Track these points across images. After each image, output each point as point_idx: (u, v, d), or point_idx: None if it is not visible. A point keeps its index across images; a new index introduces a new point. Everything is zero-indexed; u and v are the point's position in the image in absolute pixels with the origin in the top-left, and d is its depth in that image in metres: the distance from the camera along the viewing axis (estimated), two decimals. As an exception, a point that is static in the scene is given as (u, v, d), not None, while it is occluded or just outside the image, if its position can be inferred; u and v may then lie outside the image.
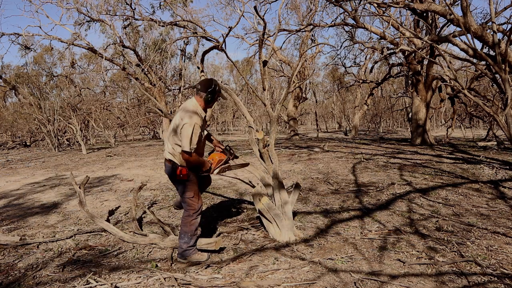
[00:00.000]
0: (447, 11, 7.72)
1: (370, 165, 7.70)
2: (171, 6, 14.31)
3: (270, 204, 3.44)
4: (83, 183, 3.91)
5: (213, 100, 3.11)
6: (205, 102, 3.07)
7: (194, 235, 3.12)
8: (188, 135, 2.87)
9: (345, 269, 2.86)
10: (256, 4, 12.94)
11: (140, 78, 15.34)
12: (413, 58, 12.50)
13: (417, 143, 12.45)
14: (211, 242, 3.24)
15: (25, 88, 22.29)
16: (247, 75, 31.95)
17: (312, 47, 19.47)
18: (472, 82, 11.58)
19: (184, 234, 3.10)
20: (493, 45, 6.81)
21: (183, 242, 3.10)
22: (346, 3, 10.31)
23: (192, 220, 3.11)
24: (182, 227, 3.13)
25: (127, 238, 3.67)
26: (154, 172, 8.25)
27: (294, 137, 18.63)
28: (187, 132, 2.88)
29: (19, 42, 14.00)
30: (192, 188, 3.11)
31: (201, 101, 3.08)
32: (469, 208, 4.34)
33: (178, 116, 3.01)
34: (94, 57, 21.09)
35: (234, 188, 6.16)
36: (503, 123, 6.39)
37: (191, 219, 3.11)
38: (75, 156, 13.22)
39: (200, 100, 3.08)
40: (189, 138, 2.88)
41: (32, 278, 2.92)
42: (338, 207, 4.67)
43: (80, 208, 3.94)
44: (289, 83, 4.61)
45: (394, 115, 32.18)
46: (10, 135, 26.69)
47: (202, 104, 3.09)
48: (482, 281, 2.57)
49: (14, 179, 8.31)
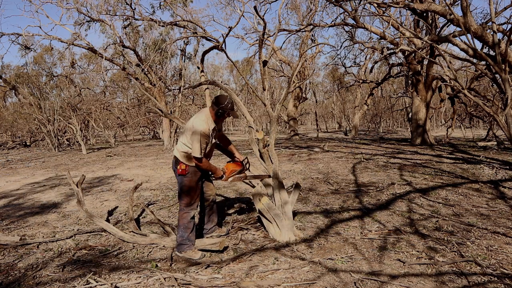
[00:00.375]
0: (447, 11, 7.72)
1: (370, 165, 7.70)
2: (171, 6, 14.30)
3: (270, 204, 3.44)
4: (80, 182, 3.91)
5: (223, 116, 3.29)
6: (215, 115, 3.28)
7: (187, 228, 3.27)
8: (197, 143, 3.12)
9: (345, 269, 2.86)
10: (256, 4, 12.94)
11: (140, 78, 15.32)
12: (413, 58, 12.50)
13: (417, 143, 12.44)
14: (215, 243, 3.25)
15: (25, 88, 22.28)
16: (247, 75, 31.95)
17: (312, 47, 19.47)
18: (472, 82, 11.58)
19: (179, 228, 3.32)
20: (493, 45, 6.81)
21: (178, 236, 3.31)
22: (346, 3, 10.31)
23: (184, 214, 3.30)
24: (178, 221, 3.35)
25: (127, 238, 3.67)
26: (154, 172, 8.25)
27: (294, 137, 18.63)
28: (196, 140, 3.12)
29: (19, 42, 13.98)
30: (188, 184, 3.31)
31: (213, 113, 3.29)
32: (469, 208, 4.34)
33: (191, 121, 3.25)
34: (94, 57, 21.07)
35: (234, 188, 6.16)
36: (503, 123, 6.39)
37: (183, 212, 3.31)
38: (75, 156, 13.21)
39: (212, 112, 3.29)
40: (198, 145, 3.13)
41: (32, 278, 2.92)
42: (338, 207, 4.67)
43: (79, 207, 3.94)
44: (289, 83, 4.61)
45: (394, 115, 32.18)
46: (10, 135, 26.69)
47: (213, 116, 3.30)
48: (482, 281, 2.57)
49: (14, 179, 8.31)
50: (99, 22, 13.73)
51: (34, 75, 24.49)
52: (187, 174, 3.28)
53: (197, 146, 3.12)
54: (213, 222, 3.71)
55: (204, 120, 3.20)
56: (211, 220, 3.70)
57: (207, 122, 3.21)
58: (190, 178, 3.30)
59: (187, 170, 3.28)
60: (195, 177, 3.32)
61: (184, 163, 3.27)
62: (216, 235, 3.69)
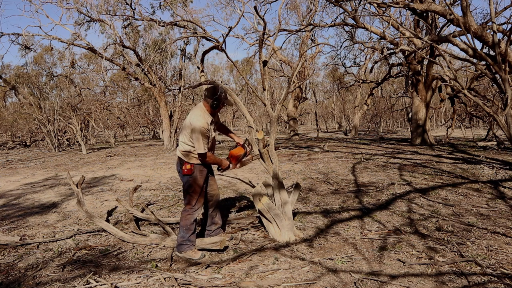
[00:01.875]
0: (447, 11, 7.72)
1: (370, 165, 7.70)
2: (171, 6, 14.30)
3: (270, 204, 3.44)
4: (80, 183, 3.91)
5: (218, 106, 3.28)
6: (211, 107, 3.27)
7: (188, 230, 3.27)
8: (199, 139, 3.14)
9: (345, 269, 2.86)
10: (256, 4, 12.94)
11: (140, 78, 15.32)
12: (413, 58, 12.50)
13: (417, 143, 12.44)
14: (215, 242, 3.26)
15: (25, 88, 22.28)
16: (247, 75, 31.96)
17: (312, 47, 19.47)
18: (472, 82, 11.58)
19: (181, 228, 3.30)
20: (493, 45, 6.81)
21: (180, 236, 3.30)
22: (346, 3, 10.31)
23: (188, 215, 3.29)
24: (180, 221, 3.32)
25: (127, 238, 3.67)
26: (154, 172, 8.25)
27: (294, 137, 18.63)
28: (196, 137, 3.14)
29: (19, 42, 13.98)
30: (193, 184, 3.30)
31: (208, 107, 3.29)
32: (469, 208, 4.34)
33: (188, 118, 3.26)
34: (94, 57, 21.09)
35: (234, 188, 6.16)
36: (503, 123, 6.39)
37: (186, 213, 3.30)
38: (75, 156, 13.22)
39: (207, 106, 3.29)
40: (200, 141, 3.14)
41: (32, 278, 2.92)
42: (338, 207, 4.67)
43: (78, 208, 3.94)
44: (289, 83, 4.61)
45: (394, 115, 32.17)
46: (10, 135, 26.68)
47: (208, 109, 3.29)
48: (482, 281, 2.57)
49: (14, 179, 8.31)
50: (99, 22, 13.72)
51: (34, 75, 24.51)
52: (193, 173, 3.28)
53: (200, 143, 3.13)
54: (216, 224, 3.64)
55: (200, 115, 3.19)
56: (214, 222, 3.64)
57: (203, 116, 3.21)
58: (196, 178, 3.29)
59: (192, 169, 3.27)
60: (200, 176, 3.31)
61: (189, 163, 3.27)
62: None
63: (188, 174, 3.28)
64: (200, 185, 3.32)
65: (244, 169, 7.95)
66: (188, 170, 3.26)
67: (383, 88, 27.79)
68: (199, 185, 3.31)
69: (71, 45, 13.39)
